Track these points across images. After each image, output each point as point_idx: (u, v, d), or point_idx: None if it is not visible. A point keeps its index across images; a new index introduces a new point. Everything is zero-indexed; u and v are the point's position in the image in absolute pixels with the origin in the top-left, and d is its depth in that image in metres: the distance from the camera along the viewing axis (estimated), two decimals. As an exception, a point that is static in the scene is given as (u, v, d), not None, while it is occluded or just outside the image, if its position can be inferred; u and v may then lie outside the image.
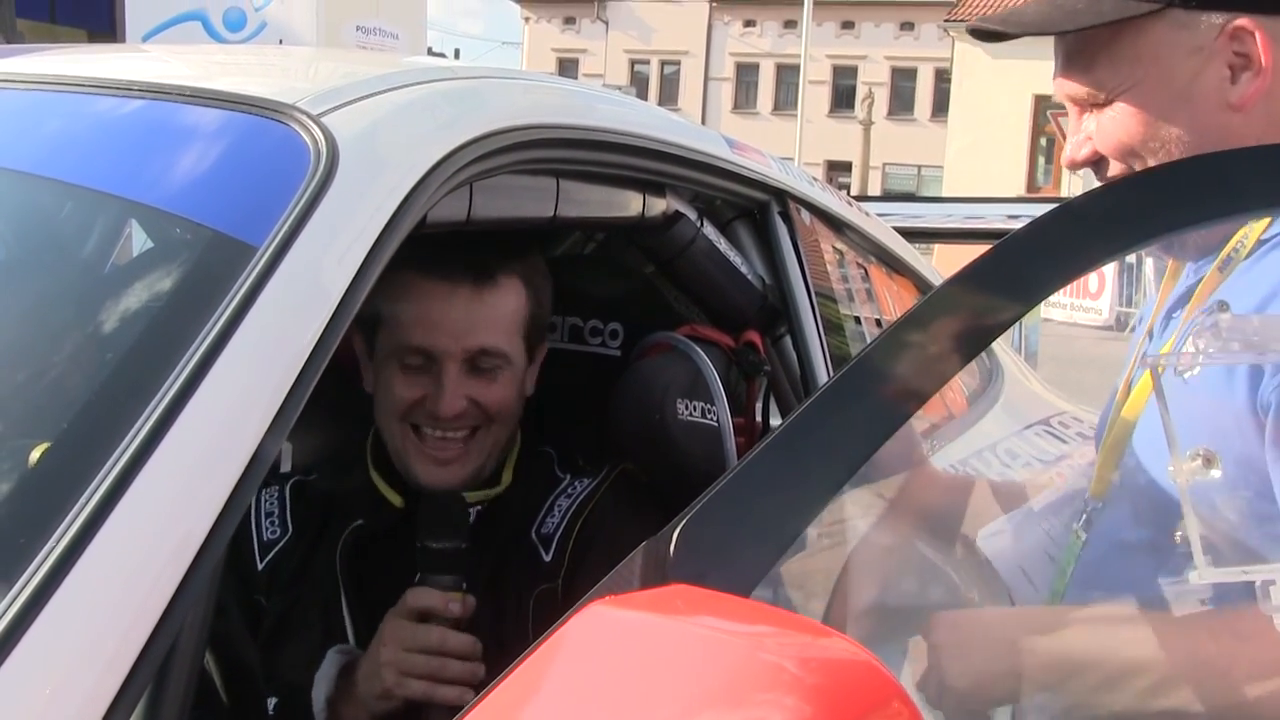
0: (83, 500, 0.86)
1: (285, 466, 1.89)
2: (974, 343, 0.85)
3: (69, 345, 1.13)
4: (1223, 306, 0.87)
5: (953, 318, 0.85)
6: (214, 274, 1.04)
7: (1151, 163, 1.21)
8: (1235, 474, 1.05)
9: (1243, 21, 1.16)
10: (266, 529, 1.66)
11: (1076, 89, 1.24)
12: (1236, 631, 0.98)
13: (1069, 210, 0.87)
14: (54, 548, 0.84)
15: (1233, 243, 1.17)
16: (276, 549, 1.64)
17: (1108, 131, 1.23)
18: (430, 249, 1.45)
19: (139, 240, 1.30)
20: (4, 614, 0.81)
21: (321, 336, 1.02)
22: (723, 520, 0.77)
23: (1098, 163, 1.26)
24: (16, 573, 0.83)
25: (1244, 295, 1.12)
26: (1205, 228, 1.11)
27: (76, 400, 1.02)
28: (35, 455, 0.96)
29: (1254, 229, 1.16)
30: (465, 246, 1.54)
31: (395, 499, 1.62)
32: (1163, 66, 1.19)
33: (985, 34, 1.29)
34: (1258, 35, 1.16)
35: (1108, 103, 1.22)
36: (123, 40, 9.21)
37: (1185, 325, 1.20)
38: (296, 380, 0.99)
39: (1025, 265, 0.85)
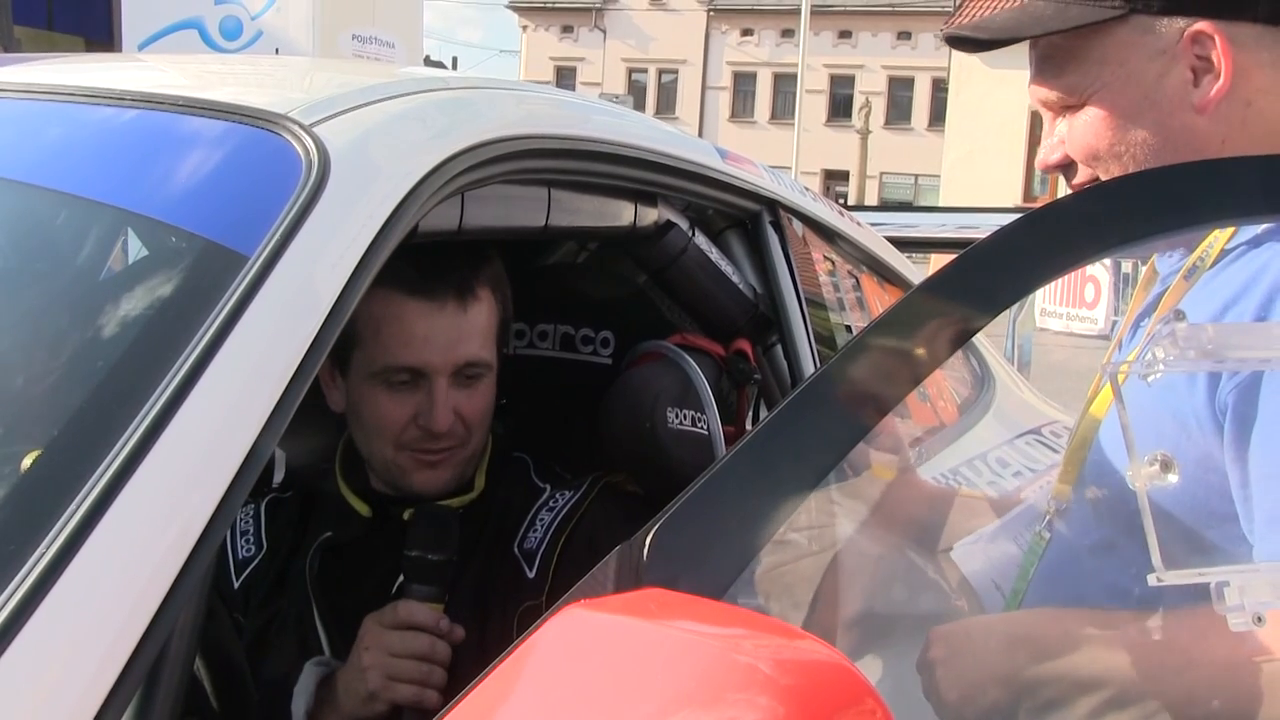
0: (75, 504, 0.87)
1: (278, 477, 1.89)
2: (941, 349, 0.86)
3: (62, 353, 1.14)
4: (1179, 315, 0.89)
5: (919, 325, 0.86)
6: (205, 283, 1.05)
7: (1116, 168, 1.23)
8: (1195, 474, 1.06)
9: (1202, 26, 1.18)
10: (242, 547, 1.67)
11: (1048, 94, 1.26)
12: (1197, 640, 0.99)
13: (1032, 220, 0.89)
14: (45, 551, 0.85)
15: (1198, 252, 1.19)
16: (251, 567, 1.65)
17: (1078, 135, 1.25)
18: (405, 265, 1.44)
19: (133, 248, 1.31)
20: (-2, 615, 0.82)
21: (312, 345, 1.03)
22: (694, 525, 0.79)
23: (1067, 167, 1.28)
24: (9, 575, 0.84)
25: (1205, 304, 1.13)
26: (1168, 238, 1.13)
27: (69, 407, 1.02)
28: (27, 462, 0.97)
29: (1219, 238, 1.17)
30: (442, 261, 1.55)
31: (362, 509, 1.63)
32: (1128, 69, 1.21)
33: (959, 41, 1.31)
34: (1217, 39, 1.17)
35: (1078, 106, 1.24)
36: (119, 48, 9.23)
37: (1150, 334, 1.22)
38: (287, 388, 1.00)
39: (989, 274, 0.87)
